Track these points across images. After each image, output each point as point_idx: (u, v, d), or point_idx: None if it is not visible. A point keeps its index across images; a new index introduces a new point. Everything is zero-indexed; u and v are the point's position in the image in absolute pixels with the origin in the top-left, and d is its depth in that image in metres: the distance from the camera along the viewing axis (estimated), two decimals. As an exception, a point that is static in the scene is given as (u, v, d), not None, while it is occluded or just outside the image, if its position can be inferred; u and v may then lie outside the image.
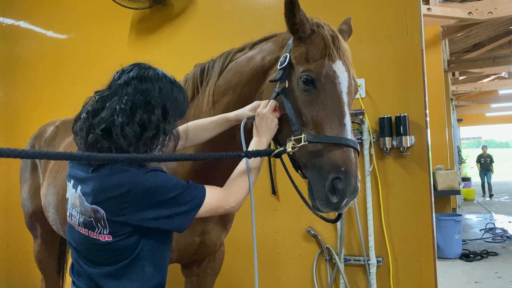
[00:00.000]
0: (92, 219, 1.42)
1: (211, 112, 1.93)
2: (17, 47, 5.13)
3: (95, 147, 1.44)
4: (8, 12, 5.16)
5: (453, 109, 13.96)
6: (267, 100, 1.69)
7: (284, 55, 1.67)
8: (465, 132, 32.63)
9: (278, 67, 1.68)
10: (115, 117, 1.42)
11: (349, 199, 1.47)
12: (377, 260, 3.34)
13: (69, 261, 3.56)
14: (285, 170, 1.85)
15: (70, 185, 1.57)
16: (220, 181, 1.64)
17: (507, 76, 16.61)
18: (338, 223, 3.48)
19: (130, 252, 1.43)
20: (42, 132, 3.02)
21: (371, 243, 3.37)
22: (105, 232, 1.41)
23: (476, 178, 17.47)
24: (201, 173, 1.93)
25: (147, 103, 1.46)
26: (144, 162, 1.44)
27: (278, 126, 1.67)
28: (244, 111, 1.75)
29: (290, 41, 1.71)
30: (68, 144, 2.71)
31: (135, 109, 1.44)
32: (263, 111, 1.65)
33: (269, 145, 1.71)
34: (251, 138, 1.68)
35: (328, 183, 1.46)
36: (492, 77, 16.97)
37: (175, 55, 4.14)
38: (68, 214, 1.57)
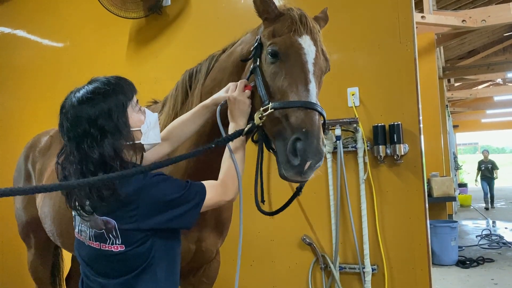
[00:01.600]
0: (103, 230, 1.44)
1: None
2: (12, 55, 5.13)
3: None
4: (4, 21, 5.17)
5: (449, 116, 14.01)
6: (241, 81, 1.71)
7: (256, 37, 1.72)
8: (462, 138, 32.76)
9: (251, 49, 1.72)
10: (82, 166, 1.44)
11: (313, 161, 1.43)
12: (372, 268, 3.35)
13: (65, 271, 3.56)
14: (258, 154, 1.77)
15: None
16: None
17: (502, 83, 16.71)
18: (333, 231, 3.49)
19: (143, 259, 1.45)
20: (37, 141, 3.02)
21: (366, 251, 3.37)
22: (117, 242, 1.43)
23: (472, 184, 16.85)
24: (194, 174, 1.92)
25: (83, 136, 1.45)
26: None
27: (251, 106, 1.68)
28: (220, 94, 1.76)
29: (263, 26, 1.76)
30: (62, 154, 2.71)
31: (80, 146, 1.45)
32: (233, 95, 1.66)
33: None
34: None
35: (289, 144, 1.45)
36: (487, 83, 17.10)
37: (170, 64, 4.16)
38: (77, 230, 1.59)
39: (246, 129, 1.60)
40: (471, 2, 9.62)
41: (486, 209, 13.87)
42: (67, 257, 3.56)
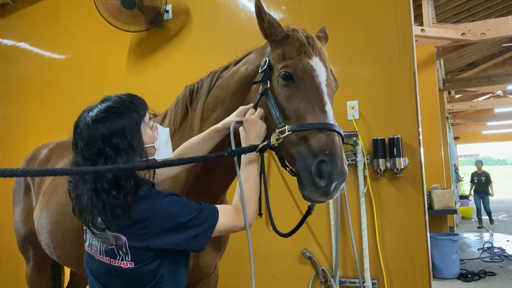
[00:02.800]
0: (114, 246, 1.45)
1: (202, 130, 1.95)
2: (15, 67, 5.17)
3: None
4: (7, 33, 5.22)
5: (449, 127, 14.02)
6: (252, 104, 1.72)
7: (264, 59, 1.73)
8: (463, 149, 32.72)
9: (259, 71, 1.73)
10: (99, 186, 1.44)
11: (338, 182, 1.46)
12: (372, 282, 3.32)
13: (64, 284, 3.54)
14: (262, 169, 1.81)
15: None
16: (210, 198, 1.66)
17: (502, 95, 16.74)
18: (333, 245, 3.47)
19: (152, 277, 1.46)
20: (36, 154, 3.03)
21: (366, 265, 3.35)
22: (127, 259, 1.43)
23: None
24: (192, 192, 1.93)
25: (98, 155, 1.45)
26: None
27: (266, 132, 1.69)
28: (231, 118, 1.77)
29: (269, 48, 1.77)
30: (62, 166, 2.72)
31: (94, 166, 1.44)
32: (251, 117, 1.67)
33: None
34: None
35: (314, 167, 1.46)
36: (488, 95, 17.12)
37: (171, 77, 4.19)
38: (87, 244, 1.59)
39: (260, 145, 1.60)
40: (470, 15, 9.69)
41: (479, 227, 12.14)
42: (67, 270, 3.54)
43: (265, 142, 1.61)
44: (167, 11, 4.23)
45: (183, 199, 1.51)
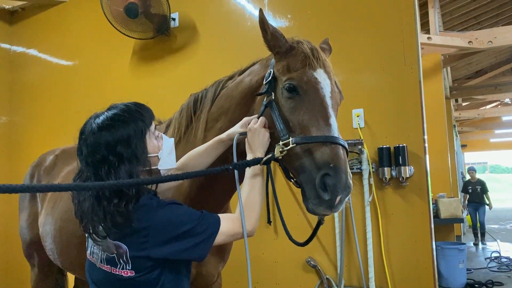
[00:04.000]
0: (115, 255, 1.44)
1: (206, 139, 1.96)
2: (23, 73, 5.22)
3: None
4: (16, 40, 5.28)
5: (457, 135, 13.95)
6: (257, 115, 1.73)
7: (269, 71, 1.73)
8: (470, 157, 32.51)
9: (264, 82, 1.73)
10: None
11: (343, 196, 1.45)
12: (377, 292, 3.30)
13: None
14: (271, 180, 1.86)
15: None
16: (214, 207, 1.65)
17: (510, 102, 16.65)
18: (338, 254, 3.45)
19: (152, 286, 1.45)
20: (42, 161, 3.05)
21: (371, 273, 3.33)
22: (127, 267, 1.43)
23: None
24: (195, 201, 1.93)
25: (101, 162, 1.45)
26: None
27: (270, 140, 1.69)
28: (235, 129, 1.77)
29: (273, 60, 1.77)
30: (67, 173, 2.74)
31: (97, 172, 1.45)
32: (254, 126, 1.67)
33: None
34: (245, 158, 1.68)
35: (318, 180, 1.46)
36: (496, 103, 17.03)
37: (177, 84, 4.21)
38: (89, 251, 1.59)
39: (265, 158, 1.59)
40: (477, 23, 9.67)
41: (475, 244, 10.76)
42: (71, 277, 3.55)
43: (269, 155, 1.60)
44: (174, 19, 4.26)
45: (183, 207, 1.50)
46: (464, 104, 15.66)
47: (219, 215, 1.54)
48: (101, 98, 4.50)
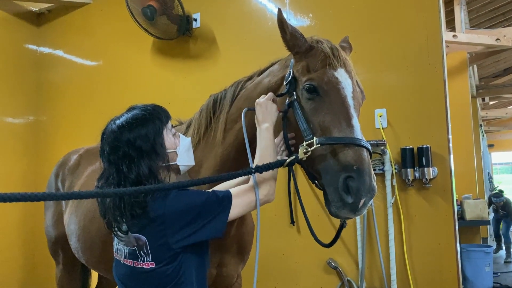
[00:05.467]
0: (136, 247, 1.50)
1: (225, 140, 1.97)
2: (49, 74, 5.33)
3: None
4: (43, 42, 5.40)
5: (483, 135, 13.61)
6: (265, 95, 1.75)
7: (288, 71, 1.72)
8: (498, 157, 31.66)
9: (284, 83, 1.72)
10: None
11: (366, 199, 1.43)
12: (399, 295, 3.25)
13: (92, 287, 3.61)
14: (294, 181, 1.86)
15: None
16: None
17: (539, 101, 16.13)
18: (359, 256, 3.42)
19: (173, 276, 1.49)
20: (66, 160, 3.11)
21: (393, 276, 3.29)
22: (148, 259, 1.48)
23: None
24: None
25: (123, 158, 1.53)
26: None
27: (277, 112, 1.70)
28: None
29: (293, 60, 1.76)
30: (90, 172, 2.78)
31: (119, 168, 1.52)
32: (261, 100, 1.70)
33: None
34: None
35: (341, 182, 1.44)
36: (524, 102, 16.53)
37: (199, 84, 4.23)
38: (115, 249, 1.65)
39: (288, 160, 1.58)
40: (506, 20, 9.39)
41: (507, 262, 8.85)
42: (94, 274, 3.62)
43: (293, 157, 1.57)
44: (195, 20, 4.29)
45: (192, 190, 1.55)
46: (491, 103, 15.24)
47: (231, 189, 1.57)
48: (124, 98, 4.56)
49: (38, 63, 5.40)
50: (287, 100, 1.69)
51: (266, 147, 1.63)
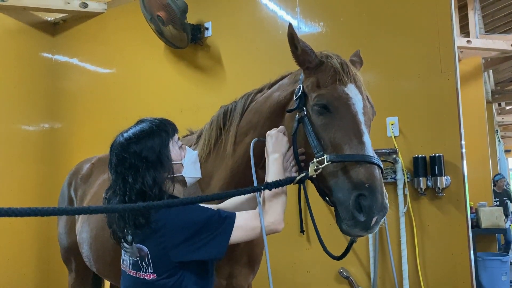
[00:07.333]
0: (138, 258, 1.52)
1: (235, 153, 1.97)
2: (64, 82, 5.42)
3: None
4: (58, 50, 5.50)
5: (499, 141, 13.40)
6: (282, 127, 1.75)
7: (298, 86, 1.71)
8: (515, 163, 31.11)
9: (294, 98, 1.71)
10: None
11: (379, 217, 1.42)
12: (412, 305, 3.21)
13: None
14: (306, 197, 1.85)
15: None
16: None
17: (557, 106, 15.83)
18: (371, 266, 3.38)
19: None
20: (79, 169, 3.14)
21: (406, 286, 3.24)
22: (150, 270, 1.50)
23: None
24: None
25: (129, 168, 1.56)
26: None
27: (288, 144, 1.70)
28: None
29: (302, 74, 1.75)
30: (102, 181, 2.81)
31: (126, 179, 1.55)
32: (272, 132, 1.71)
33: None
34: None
35: (352, 200, 1.43)
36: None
37: (211, 93, 4.26)
38: (122, 260, 1.67)
39: (298, 178, 1.58)
40: (521, 25, 9.27)
41: None
42: (107, 282, 3.64)
43: (303, 174, 1.57)
44: (207, 29, 4.32)
45: (197, 205, 1.54)
46: (508, 108, 15.02)
47: (236, 212, 1.56)
48: (137, 106, 4.62)
49: (53, 72, 5.49)
50: (297, 115, 1.68)
51: (275, 178, 1.62)
